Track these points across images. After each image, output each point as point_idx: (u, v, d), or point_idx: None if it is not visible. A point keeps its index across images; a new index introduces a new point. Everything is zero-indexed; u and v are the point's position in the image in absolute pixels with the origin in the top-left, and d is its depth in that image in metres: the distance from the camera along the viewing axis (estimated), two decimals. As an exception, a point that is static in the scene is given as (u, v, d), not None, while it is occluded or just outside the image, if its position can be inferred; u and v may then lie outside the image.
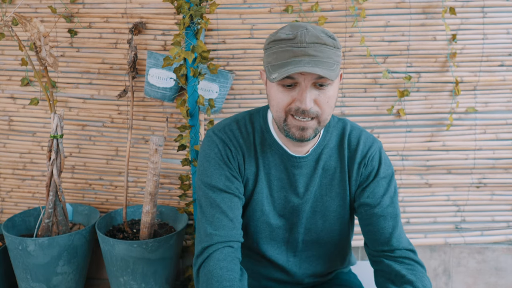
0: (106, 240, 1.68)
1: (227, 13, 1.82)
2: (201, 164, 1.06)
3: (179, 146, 1.75)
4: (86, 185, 2.04)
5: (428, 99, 1.87)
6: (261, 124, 1.08)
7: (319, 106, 0.94)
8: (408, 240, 1.08)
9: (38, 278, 1.71)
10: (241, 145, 1.06)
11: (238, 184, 1.04)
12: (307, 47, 0.89)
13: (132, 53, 1.79)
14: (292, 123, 0.96)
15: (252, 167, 1.06)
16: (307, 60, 0.89)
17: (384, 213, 1.05)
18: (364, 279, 1.50)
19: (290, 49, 0.90)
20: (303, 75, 0.91)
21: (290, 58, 0.90)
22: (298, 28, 0.92)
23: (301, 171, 1.07)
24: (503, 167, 1.91)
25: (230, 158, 1.04)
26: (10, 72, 1.97)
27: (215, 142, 1.05)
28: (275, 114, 0.98)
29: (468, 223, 1.96)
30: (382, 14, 1.81)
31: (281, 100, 0.95)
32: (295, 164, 1.06)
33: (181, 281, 2.01)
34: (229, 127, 1.08)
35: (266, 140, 1.07)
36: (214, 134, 1.07)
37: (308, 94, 0.92)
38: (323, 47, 0.90)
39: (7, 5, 1.87)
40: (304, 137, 0.97)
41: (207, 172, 1.04)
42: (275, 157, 1.07)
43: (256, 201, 1.07)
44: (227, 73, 1.78)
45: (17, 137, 2.02)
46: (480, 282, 1.98)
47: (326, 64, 0.89)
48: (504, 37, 1.82)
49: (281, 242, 1.11)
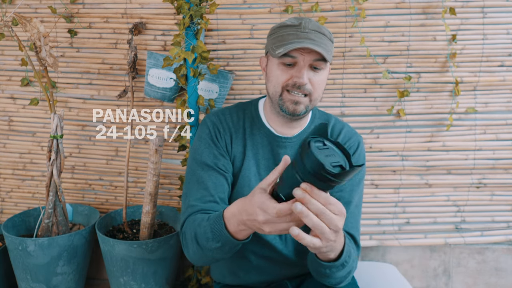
0: (106, 241, 1.68)
1: (227, 13, 1.82)
2: (193, 144, 1.21)
3: (179, 146, 1.75)
4: (86, 186, 2.04)
5: (428, 99, 1.87)
6: (252, 111, 1.24)
7: (313, 85, 1.09)
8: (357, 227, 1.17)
9: (38, 278, 1.71)
10: (230, 127, 1.20)
11: (225, 162, 1.17)
12: (309, 33, 1.05)
13: (132, 53, 1.79)
14: (287, 97, 1.10)
15: (239, 146, 1.19)
16: (309, 41, 1.04)
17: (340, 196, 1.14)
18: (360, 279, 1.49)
19: (295, 33, 1.06)
20: (302, 55, 1.06)
21: (294, 39, 1.05)
22: (302, 18, 1.09)
23: (286, 151, 1.19)
24: (503, 167, 1.91)
25: (219, 138, 1.18)
26: (10, 72, 1.97)
27: (207, 124, 1.21)
28: (272, 90, 1.12)
29: (468, 224, 1.96)
30: (382, 14, 1.81)
31: (280, 76, 1.10)
32: (280, 144, 1.19)
33: (181, 281, 2.01)
34: (222, 112, 1.24)
35: (255, 124, 1.21)
36: (207, 117, 1.23)
37: (306, 71, 1.07)
38: (322, 36, 1.06)
39: (7, 5, 1.87)
40: (296, 111, 1.11)
41: (197, 150, 1.18)
42: (263, 138, 1.20)
43: (244, 177, 1.17)
44: (227, 73, 1.78)
45: (17, 137, 2.02)
46: (480, 282, 1.98)
47: (324, 48, 1.05)
48: (504, 37, 1.82)
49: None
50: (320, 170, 0.68)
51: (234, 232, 0.92)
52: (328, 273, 0.98)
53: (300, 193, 0.72)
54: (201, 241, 0.99)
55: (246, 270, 1.22)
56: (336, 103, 1.88)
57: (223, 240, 0.94)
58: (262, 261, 1.20)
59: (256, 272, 1.21)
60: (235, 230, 0.91)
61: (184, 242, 1.09)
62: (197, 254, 1.03)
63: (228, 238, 0.93)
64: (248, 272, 1.22)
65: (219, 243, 0.95)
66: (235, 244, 0.95)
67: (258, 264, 1.20)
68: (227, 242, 0.94)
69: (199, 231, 1.00)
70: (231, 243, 0.94)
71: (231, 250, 0.97)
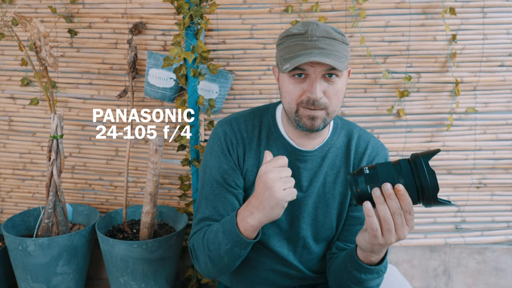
0: (106, 240, 1.68)
1: (227, 13, 1.82)
2: (205, 154, 1.15)
3: (179, 146, 1.75)
4: (86, 185, 2.04)
5: (428, 99, 1.87)
6: (269, 119, 1.14)
7: (328, 97, 1.00)
8: None
9: (38, 278, 1.71)
10: (243, 138, 1.12)
11: (236, 177, 1.10)
12: (317, 41, 0.96)
13: (132, 53, 1.79)
14: (303, 113, 1.01)
15: (253, 159, 1.11)
16: (317, 52, 0.95)
17: (357, 216, 1.12)
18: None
19: (302, 43, 0.97)
20: (313, 66, 0.96)
21: (301, 50, 0.96)
22: (309, 24, 0.98)
23: (306, 165, 1.11)
24: (503, 167, 1.91)
25: (231, 150, 1.10)
26: (10, 72, 1.97)
27: (218, 134, 1.12)
28: (287, 106, 1.04)
29: (468, 224, 1.96)
30: (382, 14, 1.81)
31: (292, 92, 1.01)
32: (300, 158, 1.10)
33: (181, 281, 2.01)
34: (236, 120, 1.14)
35: (272, 135, 1.12)
36: (219, 125, 1.14)
37: (318, 84, 0.98)
38: (332, 41, 0.97)
39: (7, 5, 1.88)
40: (314, 126, 1.02)
41: (208, 164, 1.11)
42: (280, 150, 1.11)
43: None
44: (227, 73, 1.78)
45: (17, 137, 2.02)
46: (480, 282, 1.98)
47: (335, 56, 0.95)
48: (504, 37, 1.82)
49: (283, 235, 1.14)
50: (435, 191, 0.78)
51: (244, 231, 0.93)
52: (363, 279, 0.98)
53: (389, 187, 0.80)
54: (211, 246, 0.99)
55: (256, 281, 1.19)
56: (336, 103, 1.88)
57: (233, 240, 0.95)
58: (273, 274, 1.18)
59: (266, 284, 1.19)
60: (245, 228, 0.93)
61: (193, 254, 1.07)
62: (208, 263, 1.02)
63: (238, 237, 0.93)
64: (257, 283, 1.19)
65: (229, 244, 0.95)
66: (245, 244, 0.95)
67: (269, 277, 1.18)
68: (237, 241, 0.94)
69: (210, 236, 1.00)
70: (241, 242, 0.94)
71: (240, 253, 0.97)
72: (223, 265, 1.01)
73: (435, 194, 0.78)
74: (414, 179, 0.79)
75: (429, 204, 0.79)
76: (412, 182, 0.79)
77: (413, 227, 0.82)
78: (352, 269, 0.98)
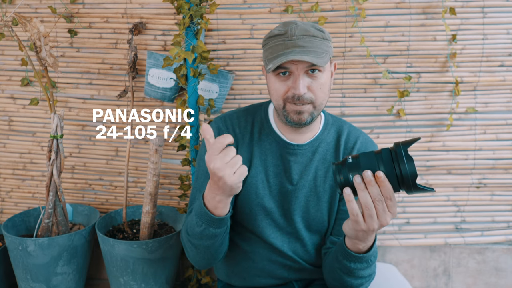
0: (106, 240, 1.68)
1: (227, 13, 1.82)
2: (200, 148, 1.21)
3: (179, 146, 1.75)
4: (86, 185, 2.04)
5: (428, 99, 1.87)
6: (261, 116, 1.20)
7: (312, 92, 1.05)
8: None
9: (38, 278, 1.71)
10: (236, 133, 1.18)
11: None
12: (297, 40, 1.02)
13: (132, 53, 1.79)
14: (290, 109, 1.07)
15: (246, 153, 1.17)
16: (297, 50, 1.00)
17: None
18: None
19: (282, 43, 1.03)
20: (295, 64, 1.02)
21: (282, 50, 1.02)
22: (289, 24, 1.05)
23: (296, 159, 1.16)
24: (503, 167, 1.91)
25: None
26: (10, 72, 1.97)
27: (212, 129, 1.17)
28: (275, 103, 1.10)
29: (468, 224, 1.96)
30: (382, 14, 1.81)
31: (278, 90, 1.07)
32: (290, 151, 1.16)
33: (181, 281, 2.01)
34: (230, 117, 1.21)
35: (264, 130, 1.18)
36: (214, 122, 1.21)
37: (301, 81, 1.03)
38: (311, 38, 1.02)
39: (7, 5, 1.88)
40: (301, 120, 1.07)
41: (201, 157, 1.17)
42: (272, 145, 1.17)
43: (250, 185, 1.15)
44: (227, 73, 1.78)
45: (17, 137, 2.02)
46: (480, 282, 1.98)
47: (315, 53, 1.00)
48: (504, 37, 1.82)
49: (277, 226, 1.17)
50: (414, 178, 0.80)
51: (213, 209, 0.98)
52: (353, 268, 0.99)
53: (369, 174, 0.82)
54: (190, 230, 1.04)
55: (254, 273, 1.21)
56: (336, 103, 1.88)
57: (206, 220, 0.99)
58: (270, 265, 1.20)
59: (263, 276, 1.21)
60: (214, 206, 0.97)
61: (183, 244, 1.12)
62: (193, 249, 1.07)
63: (209, 216, 0.98)
64: (255, 275, 1.21)
65: (203, 225, 1.00)
66: (217, 222, 0.98)
67: (265, 268, 1.20)
68: (209, 221, 0.98)
69: (189, 223, 1.05)
70: (213, 221, 0.98)
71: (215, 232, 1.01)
72: (204, 248, 1.05)
73: (414, 181, 0.80)
74: (393, 166, 0.82)
75: (410, 190, 0.82)
76: (392, 170, 0.82)
77: (395, 214, 0.85)
78: (342, 258, 1.01)
